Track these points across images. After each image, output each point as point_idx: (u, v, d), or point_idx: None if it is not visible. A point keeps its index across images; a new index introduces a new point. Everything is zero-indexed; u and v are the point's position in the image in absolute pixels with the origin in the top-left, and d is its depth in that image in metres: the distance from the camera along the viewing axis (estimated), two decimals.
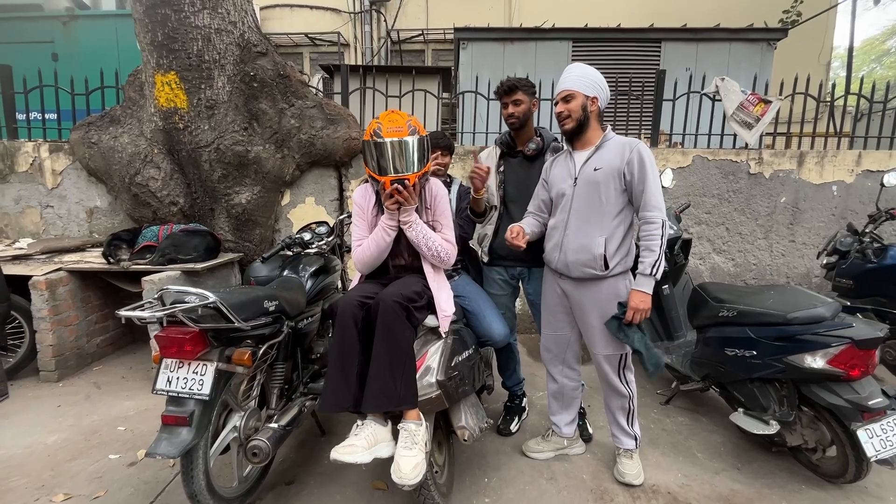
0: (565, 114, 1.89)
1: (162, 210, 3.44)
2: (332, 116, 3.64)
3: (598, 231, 1.85)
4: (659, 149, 3.88)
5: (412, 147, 1.72)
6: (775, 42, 5.43)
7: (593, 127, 1.92)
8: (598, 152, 1.89)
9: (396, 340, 1.61)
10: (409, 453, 1.52)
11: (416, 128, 1.76)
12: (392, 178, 1.72)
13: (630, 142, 1.86)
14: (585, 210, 1.88)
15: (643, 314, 1.80)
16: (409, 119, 1.76)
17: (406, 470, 1.48)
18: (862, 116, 4.20)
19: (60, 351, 2.98)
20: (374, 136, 1.72)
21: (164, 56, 3.21)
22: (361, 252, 1.88)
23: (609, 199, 1.84)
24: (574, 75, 1.90)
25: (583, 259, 1.86)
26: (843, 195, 3.86)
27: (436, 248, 1.84)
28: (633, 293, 1.80)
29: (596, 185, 1.85)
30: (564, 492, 1.97)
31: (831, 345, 1.83)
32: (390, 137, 1.70)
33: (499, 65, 5.46)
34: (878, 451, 1.74)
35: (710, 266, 3.97)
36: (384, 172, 1.74)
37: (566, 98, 1.88)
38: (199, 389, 1.53)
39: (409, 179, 1.73)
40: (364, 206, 1.93)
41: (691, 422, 2.55)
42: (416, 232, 1.82)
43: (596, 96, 1.88)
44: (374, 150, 1.73)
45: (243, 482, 1.80)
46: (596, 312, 1.91)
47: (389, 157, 1.71)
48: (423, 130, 1.80)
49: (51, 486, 1.97)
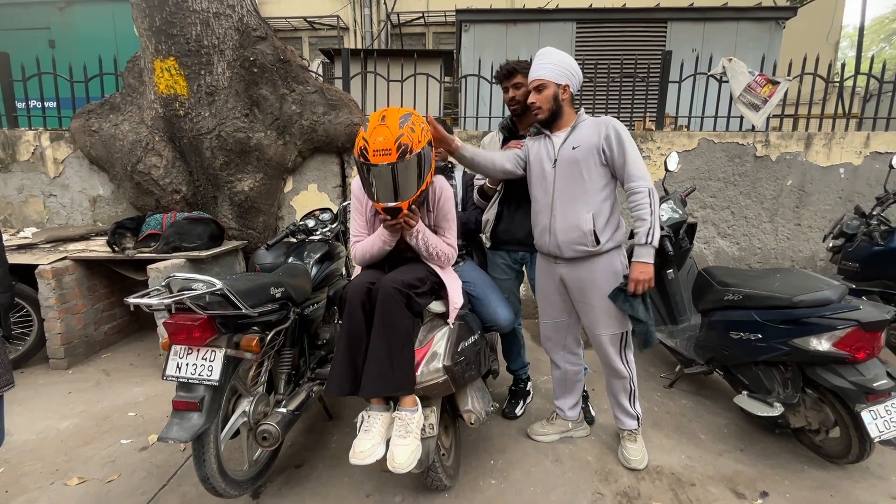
0: (537, 104, 1.89)
1: (165, 198, 3.44)
2: (334, 102, 3.60)
3: (585, 208, 1.86)
4: (664, 132, 3.84)
5: (403, 171, 1.54)
6: (784, 21, 5.32)
7: (567, 112, 1.93)
8: (574, 132, 1.90)
9: (395, 326, 1.61)
10: (403, 442, 1.53)
11: (410, 143, 1.52)
12: (382, 206, 1.61)
13: (604, 119, 1.88)
14: (569, 189, 1.88)
15: (645, 284, 1.80)
16: (399, 135, 1.50)
17: (400, 460, 1.50)
18: (871, 97, 4.13)
19: (69, 339, 3.01)
20: (361, 156, 1.54)
21: (162, 41, 3.17)
22: (361, 251, 1.84)
23: (591, 176, 1.85)
24: (544, 63, 1.88)
25: (573, 237, 1.87)
26: (850, 178, 3.81)
27: (436, 252, 1.80)
28: (633, 265, 1.81)
29: (576, 162, 1.86)
30: (569, 473, 2.00)
31: (837, 327, 1.83)
32: (378, 161, 1.51)
33: (502, 47, 5.37)
34: (882, 431, 1.76)
35: (714, 250, 3.95)
36: (376, 199, 1.62)
37: (538, 88, 1.88)
38: (209, 375, 1.55)
39: (402, 207, 1.60)
40: (362, 199, 1.85)
41: (695, 405, 2.57)
42: (417, 241, 1.76)
43: (567, 84, 1.88)
44: (362, 170, 1.60)
45: (253, 465, 1.84)
46: (595, 291, 1.92)
47: (379, 185, 1.57)
48: (420, 138, 1.56)
49: (65, 470, 2.01)
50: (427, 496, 1.84)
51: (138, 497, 1.84)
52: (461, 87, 4.75)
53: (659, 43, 5.36)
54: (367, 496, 1.85)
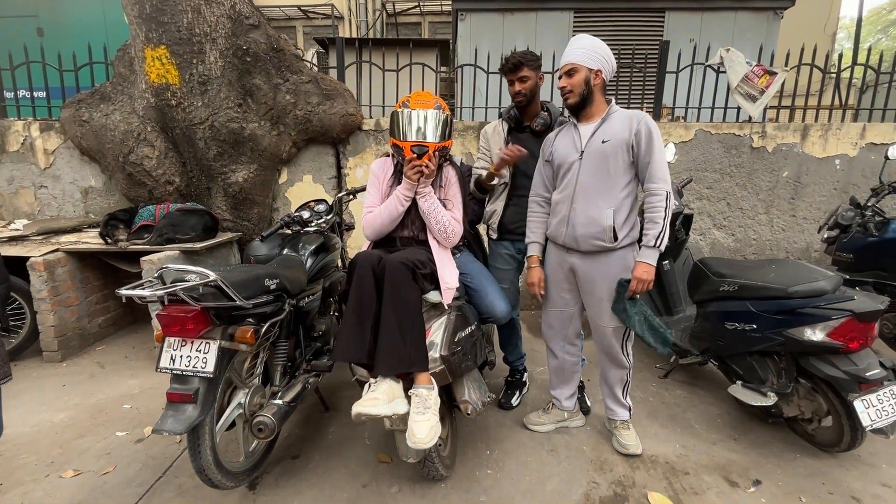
0: (568, 88, 1.87)
1: (158, 189, 3.40)
2: (329, 92, 3.56)
3: (606, 203, 1.84)
4: (661, 123, 3.82)
5: (436, 119, 1.82)
6: (782, 11, 5.29)
7: (597, 100, 1.89)
8: (604, 124, 1.87)
9: (405, 300, 1.62)
10: (423, 418, 1.53)
11: (443, 106, 1.87)
12: (413, 143, 1.81)
13: (636, 114, 1.84)
14: (593, 183, 1.86)
15: (646, 285, 1.80)
16: (436, 98, 1.87)
17: (421, 434, 1.49)
18: (867, 88, 4.12)
19: (62, 331, 2.99)
20: (402, 107, 1.84)
21: (153, 29, 3.11)
22: (373, 218, 1.92)
23: (617, 172, 1.83)
24: (577, 47, 1.86)
25: (592, 232, 1.86)
26: (846, 169, 3.82)
27: (444, 222, 1.88)
28: (637, 264, 1.82)
29: (604, 157, 1.83)
30: (565, 463, 2.01)
31: (832, 318, 1.84)
32: (418, 107, 1.82)
33: (498, 37, 5.32)
34: (874, 420, 1.77)
35: (710, 241, 3.97)
36: (407, 138, 1.83)
37: (569, 72, 1.86)
38: (203, 367, 1.54)
39: (428, 147, 1.81)
40: (381, 175, 2.00)
41: (689, 394, 2.59)
42: (429, 203, 1.87)
43: (600, 69, 1.84)
44: (401, 118, 1.83)
45: (250, 457, 1.83)
46: (606, 285, 1.91)
47: (414, 125, 1.82)
48: (447, 110, 1.89)
49: (60, 462, 2.00)
50: (423, 486, 1.85)
51: (134, 489, 1.84)
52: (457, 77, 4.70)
53: (657, 33, 5.33)
54: (363, 486, 1.86)
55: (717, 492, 1.84)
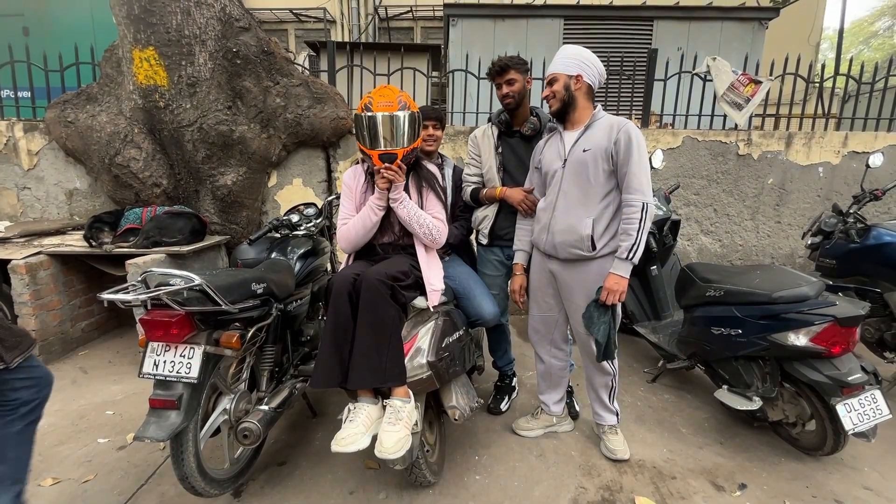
0: (550, 96, 1.91)
1: (144, 192, 3.36)
2: (319, 95, 3.55)
3: (586, 212, 1.85)
4: (649, 129, 3.87)
5: (401, 122, 1.76)
6: (767, 22, 5.40)
7: (582, 105, 1.90)
8: (587, 132, 1.88)
9: (380, 317, 1.61)
10: (392, 429, 1.52)
11: (407, 103, 1.79)
12: (380, 151, 1.77)
13: (619, 121, 1.84)
14: (573, 191, 1.87)
15: (617, 296, 1.79)
16: (399, 95, 1.79)
17: (388, 444, 1.48)
18: (849, 98, 4.22)
19: (44, 336, 2.93)
20: (365, 110, 1.77)
21: (141, 30, 3.08)
22: (347, 230, 1.90)
23: (597, 181, 1.84)
24: (556, 59, 1.90)
25: (570, 240, 1.87)
26: (828, 176, 3.90)
27: (427, 224, 1.86)
28: (609, 275, 1.81)
29: (584, 165, 1.84)
30: (554, 468, 2.01)
31: (814, 323, 1.87)
32: (380, 112, 1.74)
33: (489, 42, 5.35)
34: (856, 424, 1.80)
35: (697, 247, 4.01)
36: (374, 146, 1.78)
37: (550, 82, 1.90)
38: (187, 373, 1.51)
39: (397, 154, 1.77)
40: (353, 185, 1.96)
41: (677, 399, 2.61)
42: (406, 209, 1.83)
43: (580, 74, 1.85)
44: (365, 123, 1.77)
45: (235, 464, 1.81)
46: (583, 293, 1.92)
47: (379, 131, 1.76)
48: (414, 107, 1.83)
49: (39, 470, 1.95)
50: (411, 493, 1.84)
51: (115, 497, 1.80)
52: (449, 82, 4.72)
53: (645, 41, 5.41)
54: (350, 493, 1.84)
55: (703, 496, 1.85)
